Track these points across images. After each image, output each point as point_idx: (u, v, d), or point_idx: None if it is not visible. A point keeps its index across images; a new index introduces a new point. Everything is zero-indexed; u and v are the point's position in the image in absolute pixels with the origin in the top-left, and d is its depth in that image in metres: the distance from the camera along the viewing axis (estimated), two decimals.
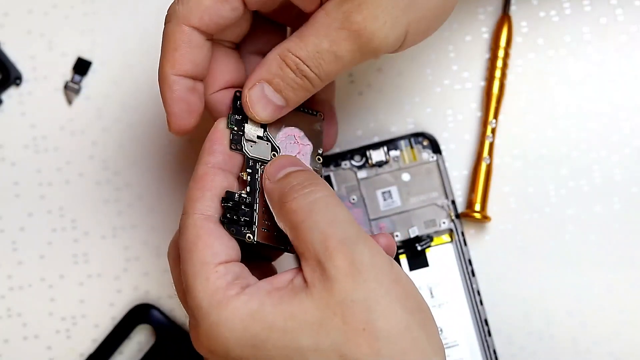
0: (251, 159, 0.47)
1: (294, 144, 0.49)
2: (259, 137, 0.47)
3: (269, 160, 0.47)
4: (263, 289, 0.42)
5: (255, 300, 0.42)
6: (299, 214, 0.43)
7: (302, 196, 0.43)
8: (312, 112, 0.49)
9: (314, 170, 0.48)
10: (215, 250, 0.43)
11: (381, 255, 0.43)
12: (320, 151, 0.49)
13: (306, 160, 0.48)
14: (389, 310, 0.41)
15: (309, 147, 0.49)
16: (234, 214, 0.45)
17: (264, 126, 0.48)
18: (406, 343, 0.41)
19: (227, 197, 0.45)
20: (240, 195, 0.45)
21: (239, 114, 0.47)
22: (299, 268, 0.43)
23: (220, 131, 0.46)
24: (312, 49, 0.44)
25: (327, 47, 0.44)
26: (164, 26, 0.45)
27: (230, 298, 0.42)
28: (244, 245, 0.45)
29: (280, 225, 0.44)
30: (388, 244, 0.47)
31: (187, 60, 0.45)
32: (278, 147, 0.48)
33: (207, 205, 0.45)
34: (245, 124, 0.47)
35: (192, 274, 0.43)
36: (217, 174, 0.45)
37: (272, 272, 0.50)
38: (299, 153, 0.48)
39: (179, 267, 0.45)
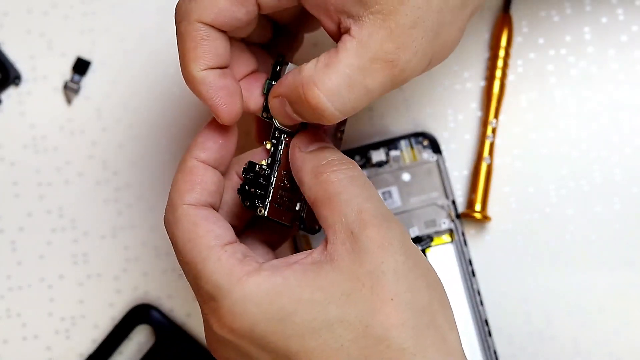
0: (277, 129, 0.47)
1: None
2: None
3: (294, 133, 0.47)
4: (281, 265, 0.42)
5: (278, 275, 0.42)
6: (337, 186, 0.43)
7: (341, 171, 0.44)
8: None
9: (337, 145, 0.49)
10: (217, 234, 0.43)
11: (408, 236, 0.44)
12: (342, 128, 0.49)
13: (328, 136, 0.48)
14: (415, 284, 0.42)
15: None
16: (251, 186, 0.45)
17: None
18: (428, 317, 0.42)
19: (249, 167, 0.45)
20: (261, 167, 0.46)
21: (276, 79, 0.47)
22: (311, 250, 0.43)
23: (212, 127, 0.46)
24: (342, 81, 0.42)
25: (360, 80, 0.42)
26: (176, 26, 0.45)
27: (251, 273, 0.42)
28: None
29: (308, 194, 0.44)
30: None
31: (210, 54, 0.45)
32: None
33: (196, 198, 0.44)
34: None
35: (200, 260, 0.43)
36: (207, 169, 0.45)
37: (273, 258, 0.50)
38: (323, 129, 0.48)
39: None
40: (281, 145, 0.47)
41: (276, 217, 0.46)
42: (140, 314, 0.57)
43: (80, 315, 0.58)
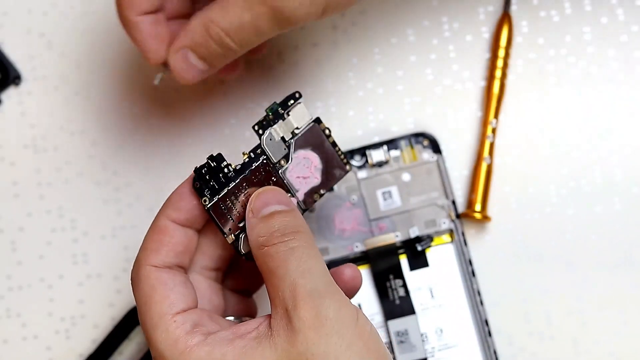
0: (261, 148, 0.47)
1: (306, 168, 0.48)
2: (282, 138, 0.47)
3: (274, 162, 0.47)
4: (226, 338, 0.43)
5: (217, 351, 0.42)
6: (275, 260, 0.43)
7: (282, 244, 0.44)
8: (344, 159, 0.49)
9: (307, 202, 0.48)
10: (171, 301, 0.44)
11: (348, 309, 0.43)
12: (322, 192, 0.49)
13: (304, 189, 0.48)
14: None
15: (316, 180, 0.49)
16: (208, 174, 0.46)
17: (293, 134, 0.48)
18: None
19: (216, 158, 0.46)
20: (227, 166, 0.46)
21: (283, 108, 0.48)
22: (267, 316, 0.44)
23: (187, 187, 0.46)
24: (235, 20, 0.47)
25: (249, 20, 0.47)
26: None
27: (193, 347, 0.43)
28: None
29: (257, 263, 0.45)
30: (353, 276, 0.48)
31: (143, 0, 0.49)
32: (291, 158, 0.48)
33: (161, 259, 0.45)
34: (280, 121, 0.47)
35: (150, 326, 0.44)
36: (177, 230, 0.46)
37: (252, 307, 0.51)
38: (304, 179, 0.48)
39: None
40: (257, 162, 0.47)
41: (217, 217, 0.46)
42: None
43: (80, 315, 0.58)
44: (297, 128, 0.48)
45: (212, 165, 0.46)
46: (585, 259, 0.57)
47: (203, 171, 0.46)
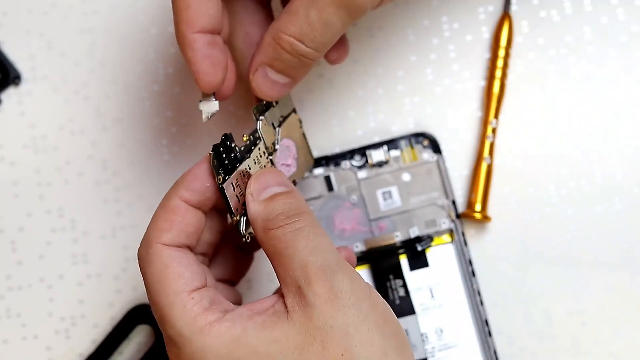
0: (258, 132, 0.47)
1: (288, 155, 0.50)
2: (272, 124, 0.48)
3: (267, 147, 0.48)
4: (244, 314, 0.43)
5: (238, 326, 0.42)
6: (282, 241, 0.43)
7: (287, 225, 0.44)
8: (310, 151, 0.52)
9: None
10: (186, 279, 0.44)
11: (360, 282, 0.43)
12: (296, 181, 0.51)
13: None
14: (367, 336, 0.42)
15: (293, 169, 0.50)
16: (225, 152, 0.45)
17: (280, 122, 0.49)
18: None
19: (229, 137, 0.46)
20: (235, 147, 0.46)
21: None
22: (281, 294, 0.44)
23: (203, 168, 0.46)
24: (303, 22, 0.45)
25: (316, 17, 0.45)
26: None
27: (212, 323, 0.42)
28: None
29: (262, 247, 0.45)
30: (348, 257, 0.49)
31: (202, 15, 0.46)
32: (278, 141, 0.49)
33: (172, 238, 0.45)
34: (272, 107, 0.48)
35: (166, 304, 0.43)
36: (190, 211, 0.46)
37: (237, 296, 0.51)
38: (286, 166, 0.50)
39: None
40: (255, 145, 0.47)
41: (229, 198, 0.46)
42: (140, 314, 0.57)
43: (80, 315, 0.58)
44: (282, 116, 0.49)
45: (227, 143, 0.46)
46: (586, 258, 0.57)
47: (221, 149, 0.45)
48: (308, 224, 0.44)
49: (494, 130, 0.57)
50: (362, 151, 0.57)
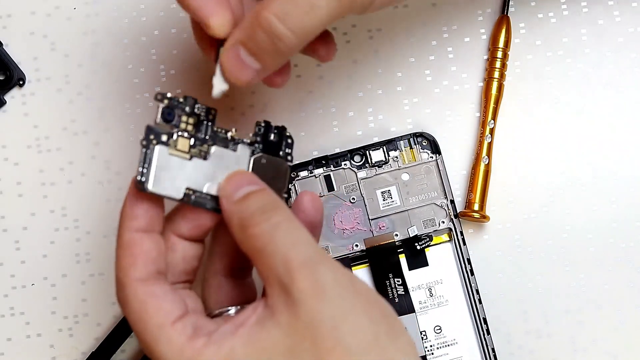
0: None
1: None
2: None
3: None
4: (228, 331, 0.42)
5: (225, 346, 0.42)
6: (261, 239, 0.42)
7: (265, 222, 0.43)
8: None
9: None
10: (166, 310, 0.43)
11: (341, 270, 0.42)
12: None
13: None
14: (356, 324, 0.41)
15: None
16: (170, 111, 0.45)
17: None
18: (376, 353, 0.41)
19: (170, 101, 0.45)
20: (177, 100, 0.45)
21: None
22: (262, 298, 0.43)
23: (136, 194, 0.45)
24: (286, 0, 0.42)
25: None
26: None
27: (200, 350, 0.42)
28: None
29: (241, 247, 0.44)
30: (312, 199, 0.47)
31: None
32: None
33: (140, 271, 0.44)
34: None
35: (152, 339, 0.43)
36: (144, 238, 0.44)
37: (249, 291, 0.49)
38: None
39: None
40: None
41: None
42: None
43: (83, 313, 0.58)
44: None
45: (169, 108, 0.45)
46: (583, 258, 0.57)
47: (168, 109, 0.45)
48: (285, 218, 0.43)
49: (492, 131, 0.57)
50: (361, 151, 0.57)
